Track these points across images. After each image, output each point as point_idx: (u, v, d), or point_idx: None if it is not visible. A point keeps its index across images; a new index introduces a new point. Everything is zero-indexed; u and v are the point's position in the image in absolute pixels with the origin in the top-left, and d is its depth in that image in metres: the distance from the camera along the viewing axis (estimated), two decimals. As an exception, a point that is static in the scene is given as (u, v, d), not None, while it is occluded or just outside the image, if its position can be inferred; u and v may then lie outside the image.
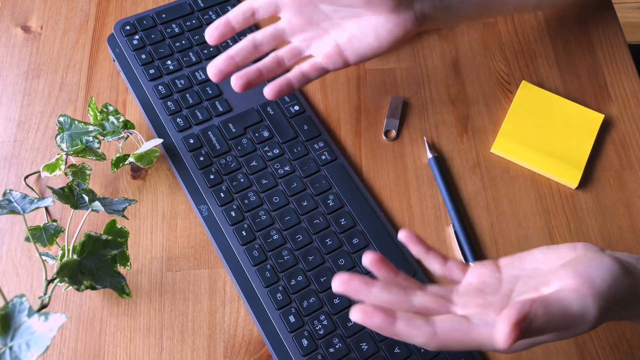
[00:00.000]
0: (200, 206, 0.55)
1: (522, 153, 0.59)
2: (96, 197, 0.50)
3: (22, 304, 0.39)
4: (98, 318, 0.52)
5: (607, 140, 0.61)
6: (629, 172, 0.59)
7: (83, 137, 0.55)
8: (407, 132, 0.61)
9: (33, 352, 0.37)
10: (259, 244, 0.53)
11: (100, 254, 0.46)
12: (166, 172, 0.58)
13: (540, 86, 0.63)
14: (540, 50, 0.66)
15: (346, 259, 0.53)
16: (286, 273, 0.52)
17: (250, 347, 0.51)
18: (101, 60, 0.64)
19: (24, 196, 0.48)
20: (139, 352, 0.51)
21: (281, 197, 0.56)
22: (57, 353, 0.51)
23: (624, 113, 0.62)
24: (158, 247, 0.55)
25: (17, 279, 0.53)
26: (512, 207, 0.57)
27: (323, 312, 0.51)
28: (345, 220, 0.55)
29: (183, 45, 0.63)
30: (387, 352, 0.50)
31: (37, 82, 0.63)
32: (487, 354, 0.51)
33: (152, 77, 0.61)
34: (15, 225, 0.56)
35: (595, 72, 0.64)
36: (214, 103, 0.60)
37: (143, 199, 0.57)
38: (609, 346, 0.52)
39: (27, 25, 0.66)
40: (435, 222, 0.57)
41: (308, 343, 0.50)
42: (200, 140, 0.58)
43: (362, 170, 0.59)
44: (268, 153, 0.58)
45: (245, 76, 0.52)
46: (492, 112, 0.62)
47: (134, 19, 0.64)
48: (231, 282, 0.54)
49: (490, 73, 0.64)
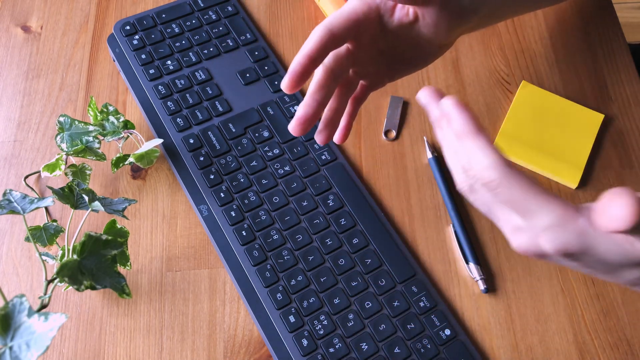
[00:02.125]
0: (200, 206, 0.55)
1: (522, 153, 0.59)
2: (96, 197, 0.50)
3: (22, 304, 0.39)
4: (98, 318, 0.52)
5: (607, 140, 0.61)
6: (629, 172, 0.59)
7: (83, 137, 0.55)
8: (407, 132, 0.61)
9: (33, 352, 0.37)
10: (259, 244, 0.53)
11: (100, 254, 0.46)
12: (166, 172, 0.58)
13: (540, 86, 0.63)
14: (540, 50, 0.66)
15: (346, 259, 0.53)
16: (286, 273, 0.52)
17: (250, 347, 0.51)
18: (101, 60, 0.64)
19: (24, 196, 0.48)
20: (139, 352, 0.51)
21: (281, 197, 0.56)
22: (57, 353, 0.51)
23: (624, 113, 0.62)
24: (158, 247, 0.55)
25: (17, 279, 0.53)
26: (512, 207, 0.57)
27: (323, 312, 0.51)
28: (345, 220, 0.55)
29: (183, 45, 0.63)
30: (387, 352, 0.50)
31: (37, 82, 0.63)
32: (487, 353, 0.51)
33: (152, 77, 0.61)
34: (15, 225, 0.56)
35: (595, 72, 0.64)
36: (214, 103, 0.60)
37: (143, 199, 0.57)
38: (609, 346, 0.52)
39: (27, 25, 0.66)
40: (435, 222, 0.57)
41: (308, 343, 0.50)
42: (200, 140, 0.58)
43: (362, 170, 0.59)
44: (268, 153, 0.58)
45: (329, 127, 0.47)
46: (492, 112, 0.62)
47: (134, 19, 0.64)
48: (231, 282, 0.54)
49: (490, 73, 0.64)
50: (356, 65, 0.45)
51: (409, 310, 0.51)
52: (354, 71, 0.46)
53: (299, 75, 0.41)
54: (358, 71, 0.46)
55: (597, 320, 0.53)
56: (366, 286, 0.52)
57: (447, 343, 0.50)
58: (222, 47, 0.63)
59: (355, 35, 0.43)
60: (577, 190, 0.58)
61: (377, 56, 0.47)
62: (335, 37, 0.42)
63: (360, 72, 0.46)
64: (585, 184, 0.59)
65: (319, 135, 0.46)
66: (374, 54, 0.46)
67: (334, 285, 0.52)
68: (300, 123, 0.43)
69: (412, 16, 0.44)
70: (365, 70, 0.47)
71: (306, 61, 0.41)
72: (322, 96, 0.43)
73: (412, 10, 0.44)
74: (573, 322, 0.53)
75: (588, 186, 0.59)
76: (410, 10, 0.44)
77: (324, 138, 0.46)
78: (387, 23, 0.45)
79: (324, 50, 0.42)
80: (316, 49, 0.41)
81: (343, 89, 0.46)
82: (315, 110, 0.43)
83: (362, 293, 0.52)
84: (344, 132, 0.49)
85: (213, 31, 0.64)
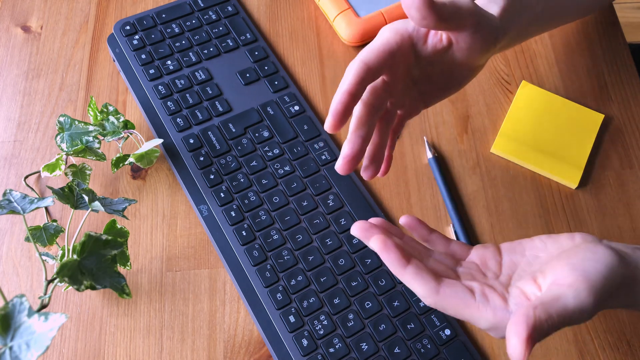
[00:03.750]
0: (200, 206, 0.55)
1: (522, 153, 0.59)
2: (96, 197, 0.50)
3: (22, 304, 0.39)
4: (98, 318, 0.52)
5: (607, 140, 0.61)
6: (629, 172, 0.59)
7: (83, 137, 0.55)
8: (407, 132, 0.61)
9: (33, 352, 0.37)
10: (259, 244, 0.53)
11: (100, 254, 0.46)
12: (166, 172, 0.58)
13: (540, 86, 0.63)
14: (540, 50, 0.66)
15: (346, 259, 0.53)
16: (286, 273, 0.52)
17: (250, 347, 0.51)
18: (101, 60, 0.64)
19: (24, 196, 0.48)
20: (139, 352, 0.51)
21: (281, 197, 0.56)
22: (57, 353, 0.51)
23: (624, 113, 0.62)
24: (158, 247, 0.55)
25: (17, 279, 0.53)
26: (512, 207, 0.57)
27: (323, 312, 0.51)
28: (345, 220, 0.55)
29: (183, 45, 0.63)
30: (387, 352, 0.50)
31: (37, 82, 0.63)
32: (487, 353, 0.51)
33: (152, 77, 0.61)
34: (15, 225, 0.56)
35: (595, 72, 0.64)
36: (214, 103, 0.60)
37: (143, 199, 0.57)
38: (609, 346, 0.52)
39: (27, 25, 0.66)
40: (435, 222, 0.57)
41: (308, 343, 0.50)
42: (200, 140, 0.58)
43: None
44: (268, 153, 0.58)
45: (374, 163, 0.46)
46: (492, 112, 0.62)
47: (134, 19, 0.64)
48: (231, 282, 0.54)
49: (490, 73, 0.64)
50: (392, 97, 0.45)
51: (409, 310, 0.51)
52: (391, 102, 0.46)
53: (341, 113, 0.41)
54: (394, 102, 0.46)
55: (597, 320, 0.53)
56: (366, 286, 0.52)
57: (447, 343, 0.50)
58: (222, 47, 0.63)
59: (390, 66, 0.43)
60: (577, 190, 0.58)
61: (412, 85, 0.46)
62: (371, 70, 0.41)
63: (396, 102, 0.46)
64: (585, 184, 0.59)
65: (366, 171, 0.45)
66: (409, 83, 0.46)
67: (334, 285, 0.52)
68: (347, 162, 0.42)
69: (445, 42, 0.44)
70: (402, 100, 0.46)
71: (347, 98, 0.41)
72: (365, 132, 0.43)
73: (445, 36, 0.44)
74: (573, 322, 0.53)
75: (588, 186, 0.59)
76: (443, 36, 0.44)
77: (371, 174, 0.46)
78: (420, 51, 0.44)
79: (361, 85, 0.41)
80: (355, 84, 0.41)
81: (383, 123, 0.46)
82: (360, 146, 0.43)
83: (362, 293, 0.52)
84: (387, 165, 0.49)
85: (213, 31, 0.64)
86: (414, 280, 0.37)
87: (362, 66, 0.41)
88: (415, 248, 0.42)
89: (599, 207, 0.58)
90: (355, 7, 0.65)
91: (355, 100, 0.41)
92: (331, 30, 0.67)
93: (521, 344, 0.33)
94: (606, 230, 0.56)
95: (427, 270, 0.38)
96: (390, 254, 0.37)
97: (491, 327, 0.37)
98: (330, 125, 0.41)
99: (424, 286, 0.37)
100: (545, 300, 0.35)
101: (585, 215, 0.57)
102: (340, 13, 0.65)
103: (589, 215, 0.57)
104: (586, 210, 0.57)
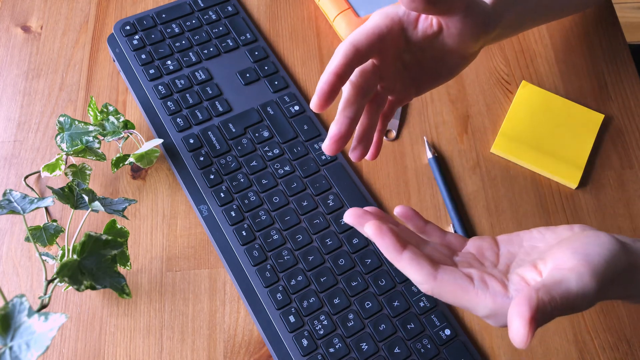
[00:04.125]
0: (200, 206, 0.55)
1: (522, 153, 0.59)
2: (96, 197, 0.50)
3: (22, 304, 0.39)
4: (98, 318, 0.52)
5: (607, 140, 0.61)
6: (629, 172, 0.59)
7: (83, 137, 0.55)
8: (407, 132, 0.61)
9: (33, 352, 0.37)
10: (259, 244, 0.53)
11: (100, 254, 0.46)
12: (166, 172, 0.58)
13: (540, 86, 0.63)
14: (540, 50, 0.66)
15: (346, 259, 0.53)
16: (286, 273, 0.52)
17: (250, 347, 0.51)
18: (101, 60, 0.64)
19: (24, 196, 0.48)
20: (139, 352, 0.51)
21: (281, 197, 0.56)
22: (57, 353, 0.51)
23: (624, 113, 0.62)
24: (158, 247, 0.55)
25: (17, 279, 0.53)
26: (512, 207, 0.57)
27: (323, 312, 0.51)
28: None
29: (183, 45, 0.63)
30: (387, 352, 0.50)
31: (37, 82, 0.63)
32: (487, 353, 0.51)
33: (152, 77, 0.61)
34: (15, 225, 0.56)
35: (595, 72, 0.64)
36: (214, 103, 0.60)
37: (143, 199, 0.57)
38: (609, 346, 0.52)
39: (27, 25, 0.66)
40: (435, 222, 0.57)
41: (308, 343, 0.50)
42: (200, 140, 0.58)
43: (362, 170, 0.59)
44: (268, 153, 0.58)
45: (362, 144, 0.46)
46: (492, 112, 0.62)
47: (134, 19, 0.64)
48: (231, 282, 0.54)
49: (490, 73, 0.64)
50: (383, 81, 0.45)
51: (409, 310, 0.51)
52: (381, 86, 0.46)
53: (327, 93, 0.41)
54: (385, 86, 0.46)
55: (597, 320, 0.53)
56: (366, 286, 0.52)
57: (447, 343, 0.50)
58: (222, 47, 0.63)
59: (379, 50, 0.43)
60: (577, 190, 0.58)
61: (402, 70, 0.46)
62: (360, 52, 0.41)
63: (387, 87, 0.46)
64: (585, 184, 0.59)
65: (354, 152, 0.45)
66: (399, 68, 0.46)
67: (334, 285, 0.52)
68: (334, 141, 0.42)
69: (436, 27, 0.44)
70: (392, 85, 0.46)
71: (333, 78, 0.41)
72: (353, 113, 0.42)
73: (435, 21, 0.44)
74: (573, 322, 0.53)
75: (588, 186, 0.59)
76: (434, 20, 0.44)
77: (359, 155, 0.45)
78: (411, 36, 0.44)
79: (349, 67, 0.41)
80: (342, 66, 0.41)
81: (373, 106, 0.46)
82: (348, 127, 0.42)
83: (362, 293, 0.52)
84: (376, 149, 0.48)
85: (213, 31, 0.64)
86: (411, 265, 0.36)
87: (351, 48, 0.41)
88: (411, 237, 0.41)
89: (599, 207, 0.58)
90: (355, 7, 0.65)
91: (342, 81, 0.41)
92: (331, 30, 0.67)
93: (524, 326, 0.32)
94: (606, 230, 0.56)
95: (423, 256, 0.37)
96: (386, 239, 0.36)
97: (490, 314, 0.36)
98: (316, 104, 0.41)
99: (421, 272, 0.36)
100: (548, 283, 0.34)
101: (585, 215, 0.57)
102: (340, 13, 0.65)
103: (589, 215, 0.57)
104: (586, 210, 0.57)
